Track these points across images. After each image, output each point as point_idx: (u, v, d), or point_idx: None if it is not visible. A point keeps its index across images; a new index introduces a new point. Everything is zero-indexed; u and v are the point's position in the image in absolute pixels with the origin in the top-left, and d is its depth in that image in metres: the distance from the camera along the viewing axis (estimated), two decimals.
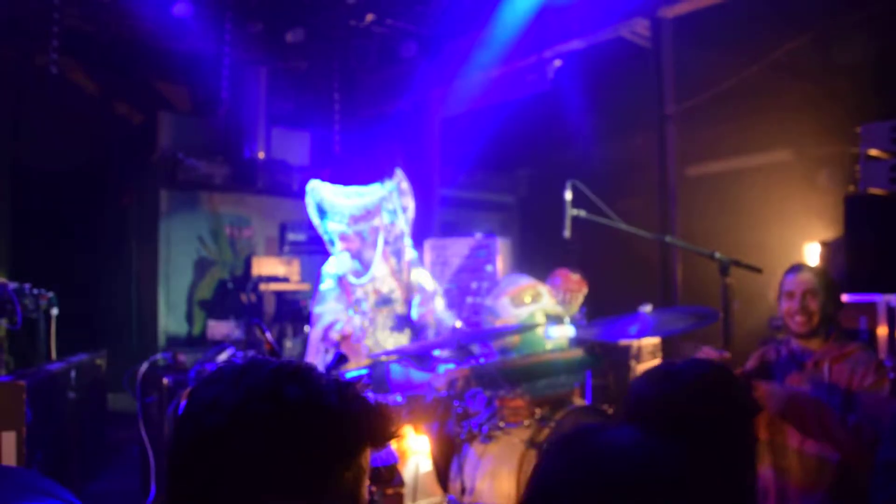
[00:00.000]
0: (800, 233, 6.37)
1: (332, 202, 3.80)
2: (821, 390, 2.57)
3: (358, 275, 3.80)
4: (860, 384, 2.52)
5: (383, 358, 3.54)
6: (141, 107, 7.84)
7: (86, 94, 7.46)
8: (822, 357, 2.66)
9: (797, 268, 2.82)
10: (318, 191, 3.82)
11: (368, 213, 3.78)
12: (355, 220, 3.76)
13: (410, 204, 3.93)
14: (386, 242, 3.84)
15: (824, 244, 5.28)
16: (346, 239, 3.77)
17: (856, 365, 2.57)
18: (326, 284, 3.83)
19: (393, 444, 3.44)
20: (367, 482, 1.01)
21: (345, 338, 3.52)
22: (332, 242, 3.86)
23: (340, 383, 1.01)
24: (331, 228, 3.81)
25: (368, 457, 1.01)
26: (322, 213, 3.83)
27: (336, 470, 0.95)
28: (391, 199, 3.82)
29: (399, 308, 3.89)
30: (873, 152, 4.61)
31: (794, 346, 2.78)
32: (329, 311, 3.72)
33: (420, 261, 4.23)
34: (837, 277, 4.91)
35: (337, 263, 3.81)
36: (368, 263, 3.79)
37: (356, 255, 3.80)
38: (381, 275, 3.84)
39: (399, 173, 3.90)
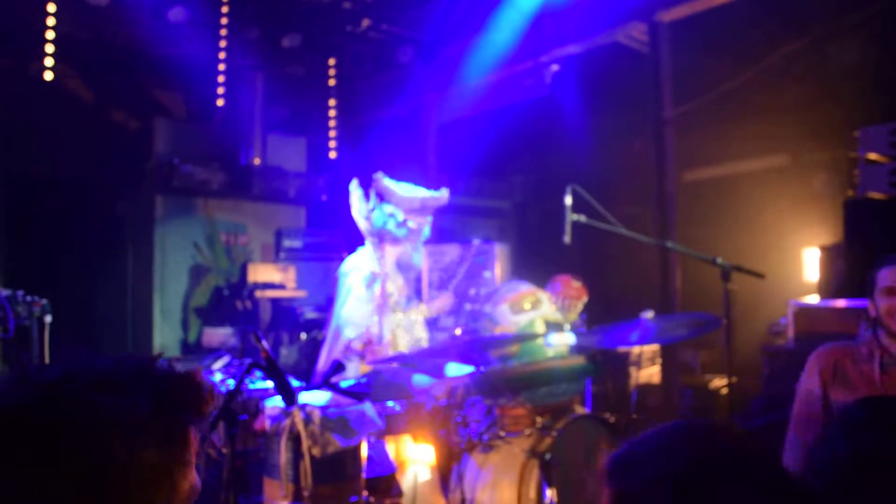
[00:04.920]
0: (799, 238, 6.37)
1: (397, 192, 3.79)
2: None
3: (403, 268, 3.78)
4: None
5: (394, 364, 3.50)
6: (136, 113, 7.81)
7: (81, 100, 7.43)
8: None
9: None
10: (382, 179, 3.82)
11: (425, 209, 3.78)
12: (418, 211, 3.77)
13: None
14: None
15: (824, 249, 5.25)
16: (412, 231, 3.77)
17: None
18: (355, 283, 3.76)
19: (391, 454, 3.40)
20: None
21: (367, 345, 3.49)
22: (379, 235, 3.79)
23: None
24: (391, 212, 3.77)
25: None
26: (381, 200, 3.81)
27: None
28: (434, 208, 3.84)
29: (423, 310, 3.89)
30: (872, 156, 4.60)
31: (891, 347, 2.53)
32: (356, 316, 3.65)
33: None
34: (837, 283, 4.91)
35: (381, 249, 3.76)
36: (409, 258, 3.79)
37: (414, 249, 3.80)
38: (408, 276, 3.84)
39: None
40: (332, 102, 8.02)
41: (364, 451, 3.09)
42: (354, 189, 3.81)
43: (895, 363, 2.52)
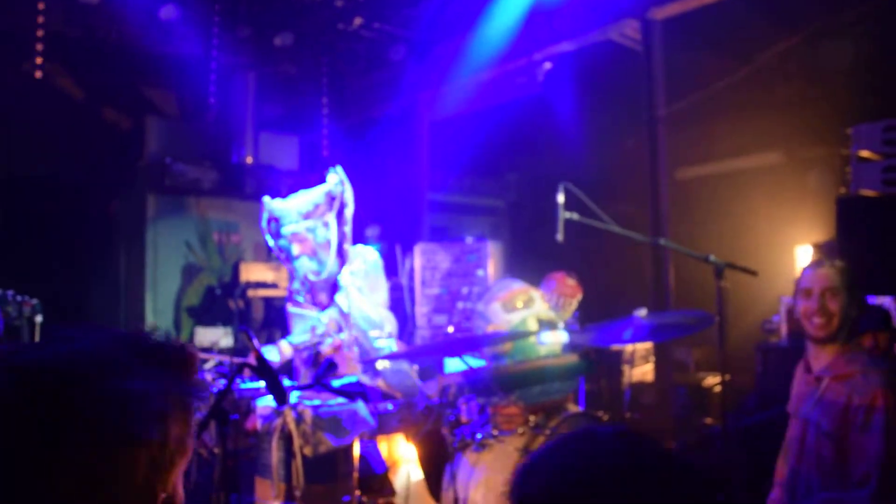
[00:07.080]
0: (791, 235, 6.37)
1: (282, 207, 3.83)
2: (816, 409, 2.43)
3: (317, 274, 3.78)
4: (853, 420, 2.30)
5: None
6: (128, 112, 7.77)
7: (72, 99, 7.38)
8: (825, 372, 2.46)
9: (817, 262, 2.58)
10: (268, 203, 3.85)
11: (317, 208, 3.78)
12: (306, 215, 3.77)
13: (350, 199, 3.88)
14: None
15: (817, 246, 5.26)
16: (301, 240, 3.77)
17: (852, 392, 2.34)
18: (295, 304, 3.87)
19: (384, 454, 3.39)
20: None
21: (337, 349, 3.50)
22: (288, 258, 3.84)
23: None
24: (285, 232, 3.80)
25: None
26: (276, 224, 3.84)
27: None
28: (337, 197, 3.81)
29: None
30: (864, 153, 4.60)
31: (809, 349, 2.57)
32: (307, 328, 3.73)
33: (394, 265, 4.23)
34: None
35: (297, 270, 3.81)
36: (324, 262, 3.77)
37: (313, 255, 3.78)
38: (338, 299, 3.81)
39: (339, 169, 3.90)
40: (324, 101, 7.99)
41: (356, 450, 3.08)
42: (262, 221, 3.88)
43: (810, 371, 2.55)
